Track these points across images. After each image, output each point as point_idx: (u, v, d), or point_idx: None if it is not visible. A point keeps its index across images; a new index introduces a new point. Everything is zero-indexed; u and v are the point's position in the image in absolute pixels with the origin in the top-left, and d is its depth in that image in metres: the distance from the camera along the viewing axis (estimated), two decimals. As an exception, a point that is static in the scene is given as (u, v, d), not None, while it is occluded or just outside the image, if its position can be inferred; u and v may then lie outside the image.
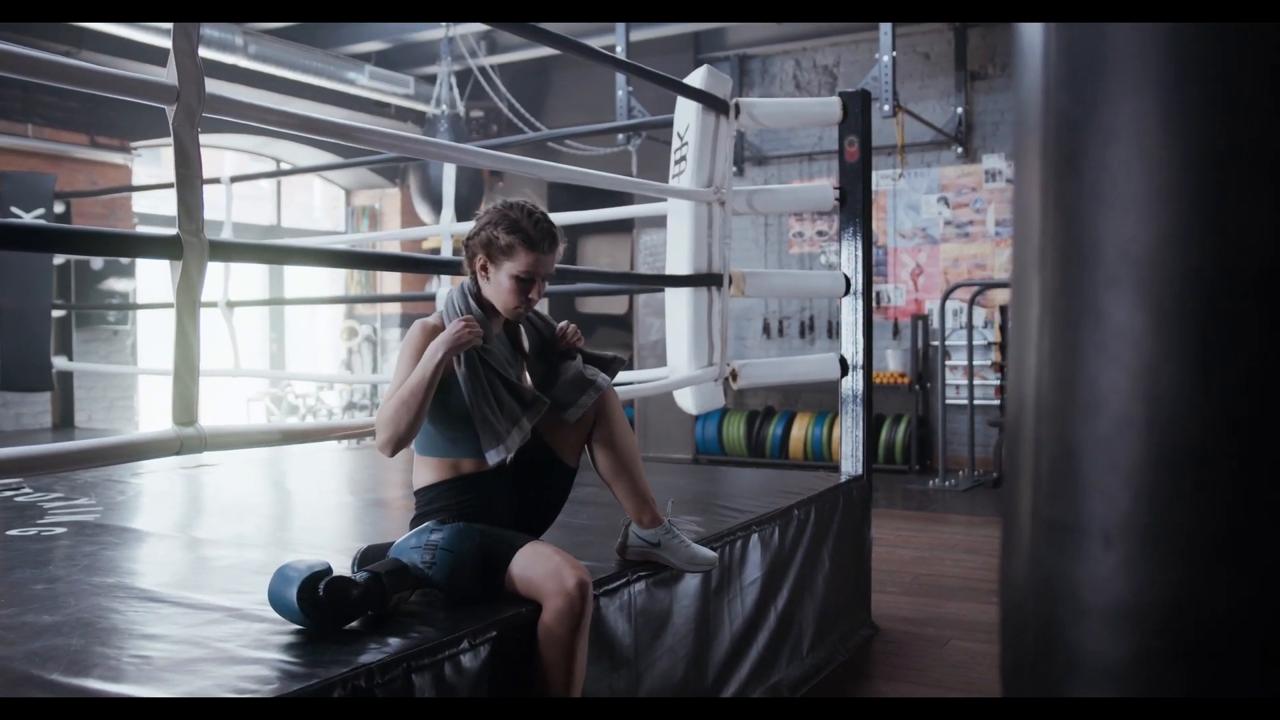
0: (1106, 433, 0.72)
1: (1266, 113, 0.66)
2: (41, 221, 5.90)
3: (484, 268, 2.30)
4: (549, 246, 2.29)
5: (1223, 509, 0.68)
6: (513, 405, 2.28)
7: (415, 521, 2.35)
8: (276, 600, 2.01)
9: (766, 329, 9.47)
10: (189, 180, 1.92)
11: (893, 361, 8.89)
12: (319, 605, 1.96)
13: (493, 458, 2.26)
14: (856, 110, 4.17)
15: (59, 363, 6.28)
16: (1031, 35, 0.80)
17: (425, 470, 2.34)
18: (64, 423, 6.67)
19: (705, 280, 3.82)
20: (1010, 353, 0.84)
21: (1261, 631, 0.67)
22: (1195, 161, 0.68)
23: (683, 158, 3.87)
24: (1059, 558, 0.76)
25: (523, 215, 2.28)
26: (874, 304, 9.05)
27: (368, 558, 2.32)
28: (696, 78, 3.80)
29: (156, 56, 7.28)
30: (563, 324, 2.51)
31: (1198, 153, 0.68)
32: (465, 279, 2.37)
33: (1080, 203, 0.74)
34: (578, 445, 2.47)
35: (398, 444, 2.19)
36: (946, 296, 8.14)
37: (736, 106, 3.92)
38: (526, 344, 2.46)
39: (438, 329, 2.25)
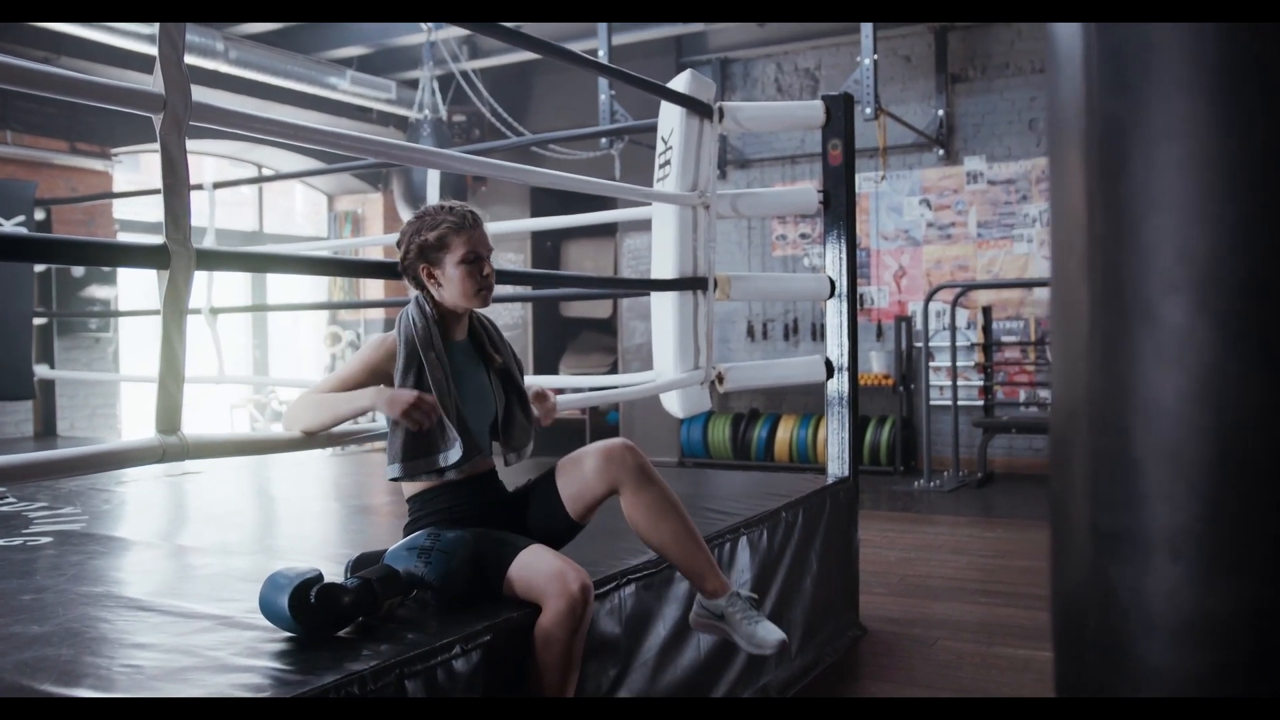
0: (1171, 440, 0.70)
1: None
2: (23, 231, 5.86)
3: (430, 275, 2.32)
4: (474, 221, 2.33)
5: None
6: (450, 431, 2.25)
7: (408, 528, 2.35)
8: (267, 608, 2.01)
9: (750, 332, 9.49)
10: (176, 189, 1.91)
11: (876, 363, 8.92)
12: (310, 612, 1.96)
13: (389, 473, 2.27)
14: (839, 113, 4.19)
15: (41, 371, 6.24)
16: (1069, 34, 0.78)
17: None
18: (46, 431, 6.63)
19: (690, 284, 3.83)
20: (1055, 362, 0.81)
21: None
22: (1252, 161, 0.67)
23: (667, 161, 3.87)
24: (1122, 570, 0.73)
25: (437, 210, 2.34)
26: (858, 306, 9.09)
27: (360, 565, 2.31)
28: (680, 82, 3.81)
29: (135, 62, 7.24)
30: (551, 397, 2.56)
31: (1254, 153, 0.67)
32: (417, 294, 2.37)
33: (1131, 206, 0.72)
34: (587, 503, 2.39)
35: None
36: (929, 298, 8.18)
37: (720, 110, 3.93)
38: (491, 350, 2.45)
39: (394, 349, 2.28)
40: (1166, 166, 0.70)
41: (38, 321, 6.24)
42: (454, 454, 2.23)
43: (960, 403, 8.27)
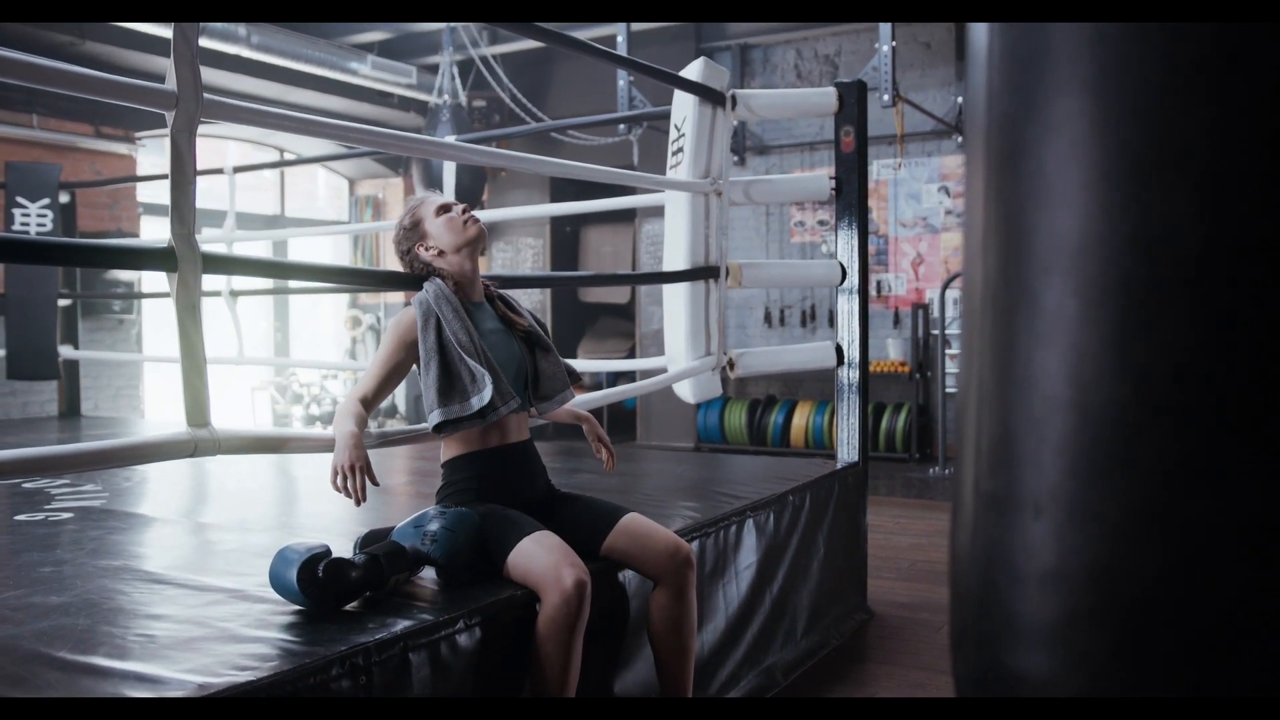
0: (1038, 412, 0.77)
1: (1188, 112, 0.71)
2: (49, 215, 5.95)
3: (426, 248, 2.48)
4: (433, 193, 2.58)
5: (1143, 482, 0.73)
6: (477, 369, 2.33)
7: (440, 493, 2.44)
8: (277, 581, 2.07)
9: (768, 318, 9.51)
10: (182, 185, 1.96)
11: (893, 350, 8.93)
12: (318, 586, 2.01)
13: (430, 420, 2.33)
14: (852, 101, 4.20)
15: (65, 351, 6.34)
16: (978, 39, 0.85)
17: (451, 443, 2.44)
18: (70, 411, 6.73)
19: (702, 273, 3.86)
20: (961, 340, 0.89)
21: (1179, 596, 0.72)
22: (1120, 158, 0.73)
23: (680, 149, 3.91)
24: (996, 528, 0.81)
25: (404, 210, 2.57)
26: (875, 293, 9.10)
27: (369, 541, 2.37)
28: (693, 70, 3.84)
29: (160, 47, 7.32)
30: (606, 453, 2.70)
31: (1122, 150, 0.73)
32: (427, 282, 2.48)
33: (1017, 196, 0.79)
34: (623, 559, 2.48)
35: None
36: (947, 285, 8.18)
37: (733, 98, 3.96)
38: (513, 315, 2.56)
39: (413, 323, 2.39)
40: (1046, 160, 0.77)
41: (62, 303, 6.34)
42: (486, 394, 2.30)
43: (976, 390, 8.25)
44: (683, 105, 3.90)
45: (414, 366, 2.44)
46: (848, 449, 4.28)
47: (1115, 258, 0.73)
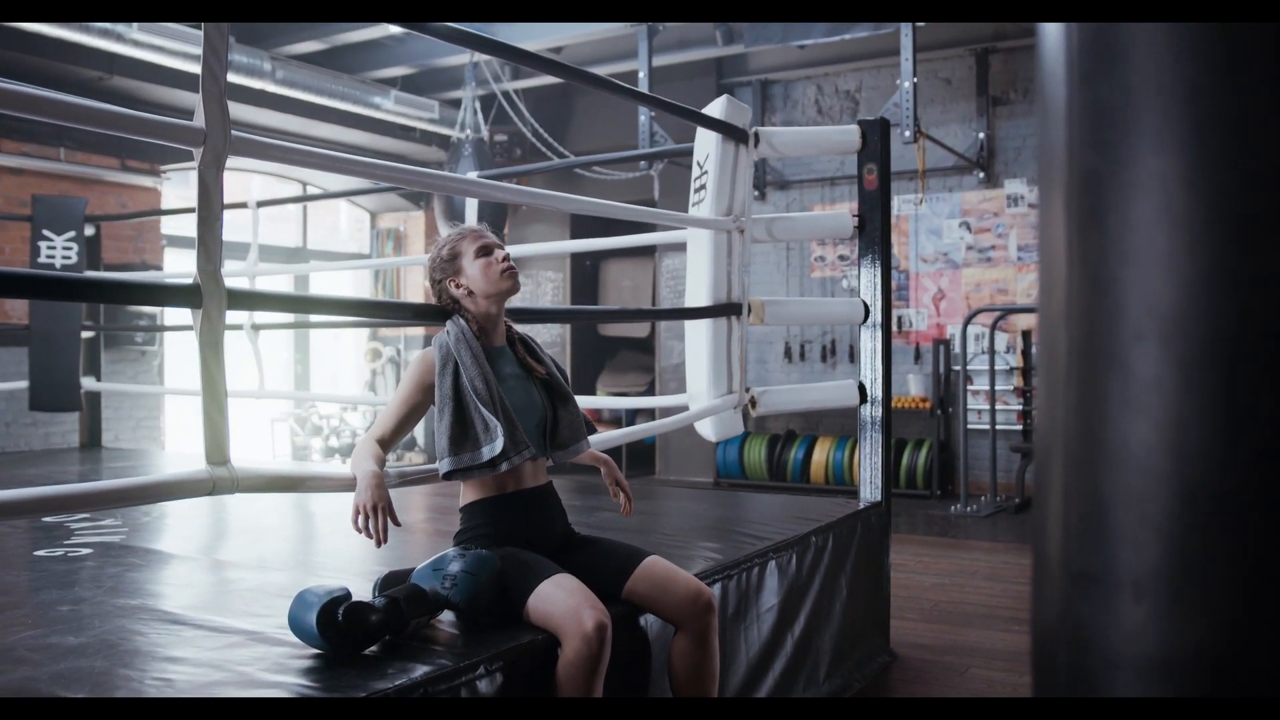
0: (1136, 486, 0.72)
1: None
2: (74, 248, 5.99)
3: (457, 285, 2.44)
4: (477, 229, 2.50)
5: (1252, 561, 0.68)
6: (490, 419, 2.31)
7: (458, 537, 2.41)
8: (296, 625, 2.05)
9: (788, 353, 9.48)
10: (209, 221, 1.96)
11: (914, 386, 8.88)
12: (338, 630, 1.99)
13: (441, 469, 2.33)
14: (875, 138, 4.20)
15: (87, 383, 6.36)
16: (1055, 89, 0.81)
17: (469, 488, 2.42)
18: (91, 442, 6.75)
19: (724, 310, 3.85)
20: (1038, 404, 0.84)
21: None
22: (1218, 218, 0.69)
23: (702, 186, 3.90)
24: (1090, 609, 0.76)
25: (445, 235, 2.52)
26: (896, 328, 9.06)
27: (389, 583, 2.35)
28: (716, 107, 3.84)
29: (186, 81, 7.39)
30: (624, 497, 2.64)
31: (1221, 209, 0.69)
32: (450, 321, 2.46)
33: (1105, 258, 0.74)
34: (643, 603, 2.44)
35: None
36: (968, 321, 8.14)
37: (756, 135, 3.95)
38: (532, 361, 2.53)
39: (433, 365, 2.38)
40: (1138, 222, 0.73)
41: (85, 335, 6.37)
42: (498, 444, 2.28)
43: (998, 426, 8.21)
44: (705, 142, 3.90)
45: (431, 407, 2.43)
46: (870, 488, 4.23)
47: (1217, 323, 0.69)
